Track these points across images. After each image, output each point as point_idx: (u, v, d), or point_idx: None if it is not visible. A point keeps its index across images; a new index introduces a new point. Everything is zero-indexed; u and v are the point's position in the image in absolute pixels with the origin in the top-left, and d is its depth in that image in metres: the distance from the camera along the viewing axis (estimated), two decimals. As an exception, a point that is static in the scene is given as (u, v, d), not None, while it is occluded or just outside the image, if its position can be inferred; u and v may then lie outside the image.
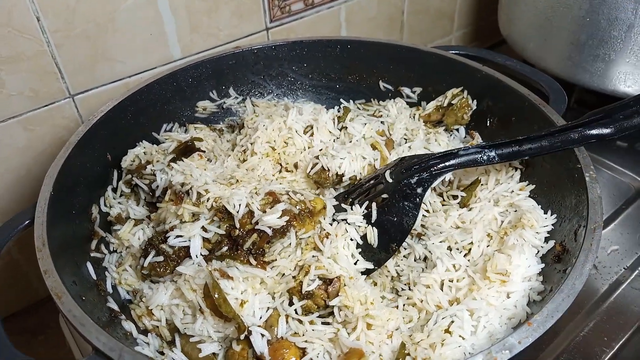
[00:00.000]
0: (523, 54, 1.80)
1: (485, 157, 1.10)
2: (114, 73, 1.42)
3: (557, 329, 1.05)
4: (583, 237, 0.93)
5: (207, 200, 1.07)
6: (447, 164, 1.11)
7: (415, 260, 1.14)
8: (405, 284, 1.09)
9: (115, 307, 1.04)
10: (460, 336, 0.93)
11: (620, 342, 1.12)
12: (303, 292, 1.00)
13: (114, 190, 1.26)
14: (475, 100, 1.41)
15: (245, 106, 1.52)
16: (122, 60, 1.42)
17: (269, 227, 1.03)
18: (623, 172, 1.53)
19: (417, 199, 1.12)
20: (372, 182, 1.20)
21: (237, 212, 1.04)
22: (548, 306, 0.82)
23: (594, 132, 1.06)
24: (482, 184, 1.23)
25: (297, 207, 1.08)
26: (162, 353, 0.99)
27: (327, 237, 1.08)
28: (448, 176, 1.22)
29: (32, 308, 1.61)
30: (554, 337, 1.13)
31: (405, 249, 1.16)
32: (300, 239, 1.07)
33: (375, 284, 1.11)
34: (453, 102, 1.41)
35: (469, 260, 1.08)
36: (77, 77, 1.36)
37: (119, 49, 1.40)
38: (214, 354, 0.97)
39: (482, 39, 2.40)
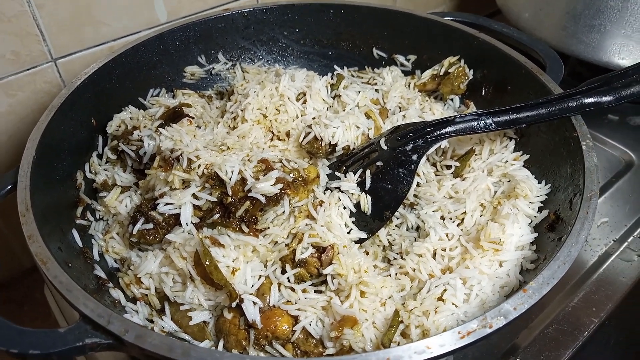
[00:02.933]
0: (518, 23, 1.78)
1: (482, 124, 1.08)
2: (98, 36, 1.37)
3: (546, 300, 1.06)
4: (579, 205, 0.93)
5: (198, 167, 1.04)
6: (443, 131, 1.09)
7: (407, 230, 1.13)
8: (397, 253, 1.09)
9: (102, 275, 1.02)
10: (453, 304, 0.93)
11: (608, 313, 1.13)
12: (296, 260, 0.99)
13: (99, 156, 1.22)
14: (471, 70, 1.38)
15: (234, 72, 1.48)
16: (107, 23, 1.36)
17: (263, 195, 1.01)
18: (613, 145, 1.53)
19: (412, 166, 1.10)
20: (366, 150, 1.18)
21: (230, 179, 1.02)
22: (544, 273, 0.82)
23: (592, 100, 1.04)
24: (476, 154, 1.22)
25: (291, 175, 1.06)
26: (151, 321, 0.97)
27: (321, 206, 1.06)
28: (443, 144, 1.20)
29: (17, 279, 1.58)
30: (543, 307, 1.13)
31: (397, 218, 1.15)
32: (293, 207, 1.05)
33: (367, 253, 1.10)
34: (450, 70, 1.38)
35: (462, 230, 1.08)
36: (59, 40, 1.31)
37: (104, 11, 1.34)
38: (204, 322, 0.96)
39: (476, 9, 2.36)
